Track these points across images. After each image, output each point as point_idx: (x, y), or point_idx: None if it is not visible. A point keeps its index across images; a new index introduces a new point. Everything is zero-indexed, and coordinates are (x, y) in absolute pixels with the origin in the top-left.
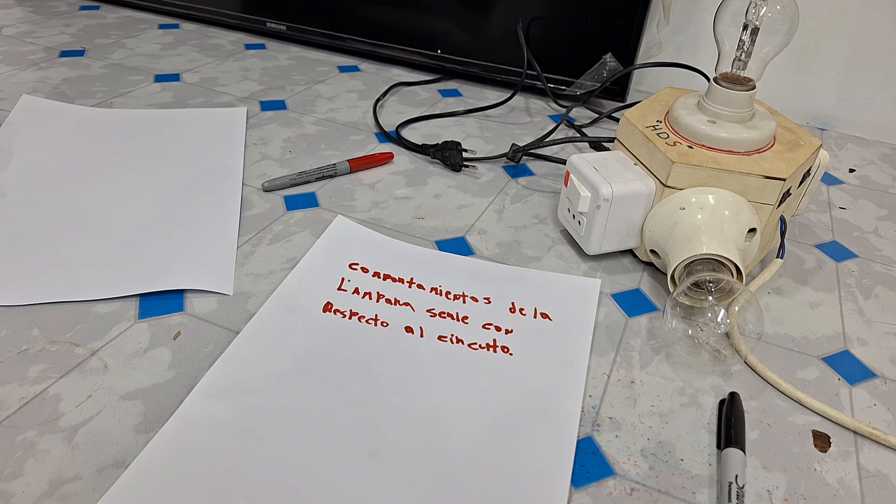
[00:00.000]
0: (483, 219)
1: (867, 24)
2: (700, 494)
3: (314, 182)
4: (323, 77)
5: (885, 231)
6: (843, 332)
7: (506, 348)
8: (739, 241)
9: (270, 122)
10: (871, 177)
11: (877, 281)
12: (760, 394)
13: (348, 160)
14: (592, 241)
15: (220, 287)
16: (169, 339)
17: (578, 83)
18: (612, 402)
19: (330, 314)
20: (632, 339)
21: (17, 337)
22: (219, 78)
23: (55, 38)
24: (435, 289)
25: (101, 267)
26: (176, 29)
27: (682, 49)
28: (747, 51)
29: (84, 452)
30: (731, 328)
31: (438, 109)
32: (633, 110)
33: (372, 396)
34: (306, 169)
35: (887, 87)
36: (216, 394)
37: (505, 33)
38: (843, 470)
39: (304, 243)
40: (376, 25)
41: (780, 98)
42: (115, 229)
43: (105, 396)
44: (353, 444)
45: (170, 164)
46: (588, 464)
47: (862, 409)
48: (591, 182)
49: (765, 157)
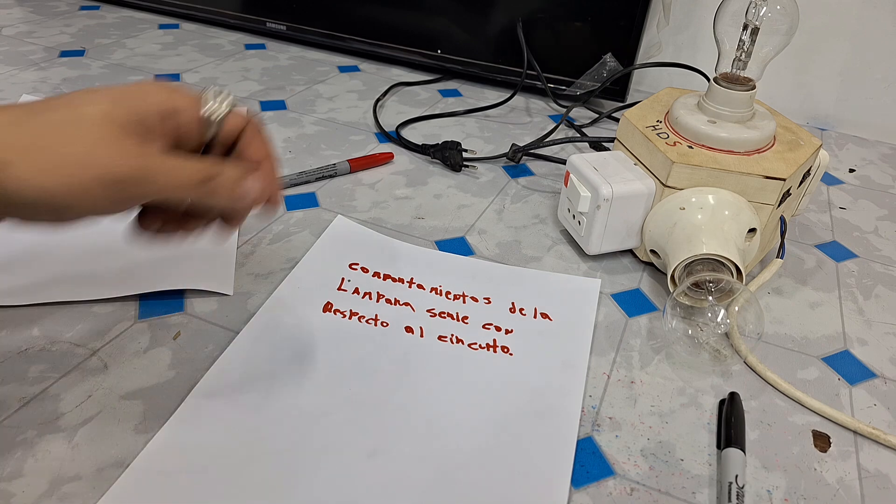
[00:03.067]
0: (483, 219)
1: (867, 24)
2: (700, 494)
3: (314, 182)
4: (323, 77)
5: (885, 231)
6: (843, 332)
7: (506, 348)
8: (739, 241)
9: (270, 122)
10: (871, 177)
11: (877, 281)
12: (760, 394)
13: (348, 160)
14: (592, 241)
15: (221, 287)
16: (169, 339)
17: (578, 83)
18: (612, 402)
19: (330, 314)
20: (632, 339)
21: (17, 337)
22: (219, 78)
23: (55, 38)
24: (435, 289)
25: (102, 267)
26: (176, 29)
27: (682, 49)
28: (747, 51)
29: (84, 452)
30: (731, 328)
31: (438, 109)
32: (633, 110)
33: (372, 396)
34: (306, 169)
35: (887, 87)
36: (216, 394)
37: (505, 33)
38: (843, 470)
39: (304, 243)
40: (376, 25)
41: (780, 98)
42: (115, 229)
43: (105, 396)
44: (353, 444)
45: None
46: (588, 464)
47: (862, 409)
48: (591, 182)
49: (765, 157)
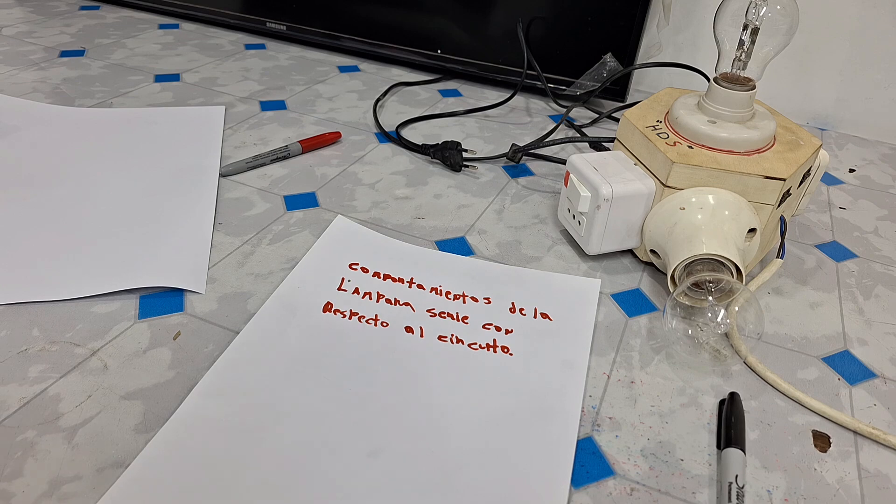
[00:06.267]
0: (483, 219)
1: (867, 23)
2: (700, 494)
3: (269, 164)
4: (323, 77)
5: (885, 231)
6: (843, 332)
7: (506, 348)
8: (739, 241)
9: (270, 122)
10: (871, 177)
11: (877, 281)
12: (760, 394)
13: (299, 141)
14: (592, 241)
15: (193, 285)
16: (169, 339)
17: (578, 83)
18: (612, 402)
19: (330, 314)
20: (632, 339)
21: (17, 337)
22: (219, 78)
23: (55, 38)
24: (435, 289)
25: (73, 265)
26: (176, 29)
27: (682, 49)
28: (747, 51)
29: (84, 452)
30: (731, 328)
31: (438, 109)
32: (633, 110)
33: (372, 396)
34: (260, 153)
35: (887, 87)
36: (216, 394)
37: (505, 33)
38: (843, 470)
39: (304, 243)
40: (376, 25)
41: (780, 98)
42: (88, 228)
43: (105, 396)
44: (353, 444)
45: (145, 162)
46: (588, 464)
47: (862, 409)
48: (591, 182)
49: (765, 157)
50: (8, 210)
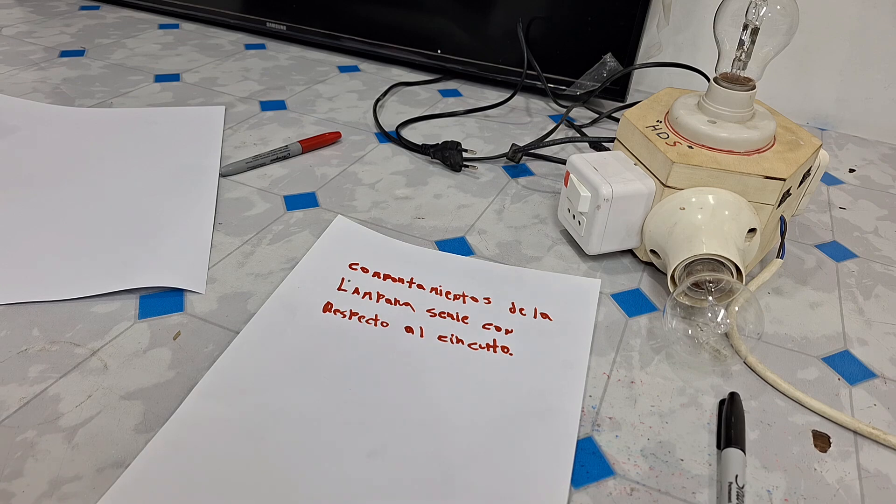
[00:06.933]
0: (483, 219)
1: (867, 23)
2: (700, 494)
3: (269, 164)
4: (323, 77)
5: (885, 231)
6: (843, 332)
7: (506, 348)
8: (739, 241)
9: (270, 122)
10: (871, 177)
11: (877, 281)
12: (760, 394)
13: (299, 141)
14: (592, 241)
15: (193, 285)
16: (169, 339)
17: (578, 83)
18: (612, 402)
19: (330, 314)
20: (632, 339)
21: (17, 337)
22: (219, 78)
23: (55, 38)
24: (435, 289)
25: (73, 265)
26: (176, 29)
27: (682, 49)
28: (747, 51)
29: (84, 452)
30: (731, 328)
31: (438, 109)
32: (633, 110)
33: (372, 396)
34: (260, 153)
35: (887, 87)
36: (216, 394)
37: (505, 33)
38: (843, 470)
39: (304, 243)
40: (376, 25)
41: (780, 98)
42: (88, 228)
43: (105, 396)
44: (353, 444)
45: (145, 162)
46: (588, 464)
47: (862, 409)
48: (591, 182)
49: (765, 157)
50: (8, 210)
